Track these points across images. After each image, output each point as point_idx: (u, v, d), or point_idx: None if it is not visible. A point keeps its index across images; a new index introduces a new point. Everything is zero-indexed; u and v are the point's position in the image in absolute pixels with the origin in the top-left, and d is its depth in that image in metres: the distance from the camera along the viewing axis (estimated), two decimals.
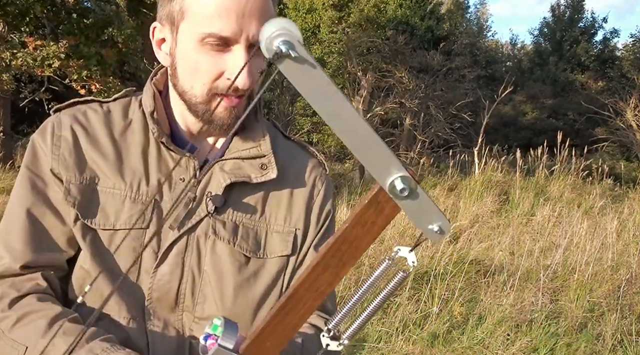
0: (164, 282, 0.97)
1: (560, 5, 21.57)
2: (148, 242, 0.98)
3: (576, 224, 5.94)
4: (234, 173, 1.01)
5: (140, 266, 0.97)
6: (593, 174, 9.23)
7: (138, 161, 1.00)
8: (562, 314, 4.23)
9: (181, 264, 0.98)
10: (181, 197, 1.00)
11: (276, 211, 1.06)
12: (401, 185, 0.58)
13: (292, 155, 1.11)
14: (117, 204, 0.98)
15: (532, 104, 19.59)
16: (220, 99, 0.97)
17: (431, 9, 15.84)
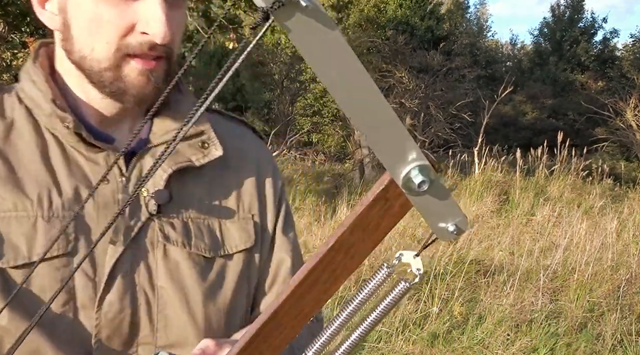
0: (114, 314, 0.77)
1: (560, 6, 21.58)
2: (77, 269, 0.76)
3: (576, 224, 5.94)
4: (173, 159, 0.83)
5: (76, 301, 0.76)
6: (593, 174, 9.23)
7: (39, 168, 0.78)
8: (562, 314, 4.24)
9: (132, 287, 0.78)
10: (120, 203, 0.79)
11: (225, 198, 0.89)
12: (420, 177, 0.46)
13: (228, 129, 0.93)
14: (26, 229, 0.75)
15: (532, 104, 19.58)
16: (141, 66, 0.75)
17: (431, 9, 15.84)
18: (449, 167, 9.22)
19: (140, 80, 0.77)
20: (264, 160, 0.96)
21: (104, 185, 0.80)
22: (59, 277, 0.75)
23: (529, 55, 22.99)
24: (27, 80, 0.82)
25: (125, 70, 0.76)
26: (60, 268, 0.75)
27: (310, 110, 14.85)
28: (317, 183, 8.46)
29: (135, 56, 0.76)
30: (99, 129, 0.83)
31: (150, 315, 0.79)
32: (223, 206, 0.89)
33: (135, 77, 0.76)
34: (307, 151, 14.50)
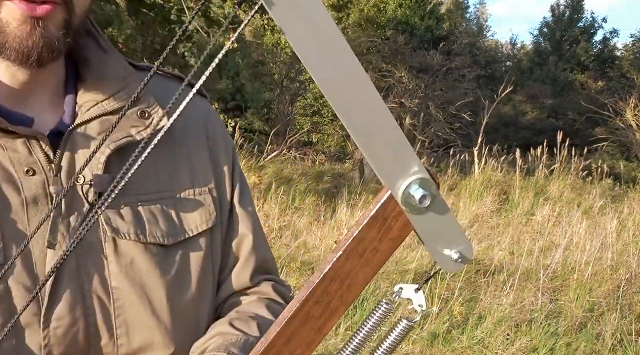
0: (66, 329, 0.65)
1: (560, 6, 21.57)
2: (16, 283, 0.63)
3: (576, 224, 5.94)
4: (110, 137, 0.67)
5: (19, 321, 0.63)
6: (593, 174, 9.23)
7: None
8: (562, 313, 4.24)
9: (81, 294, 0.66)
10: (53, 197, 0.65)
11: (176, 172, 0.76)
12: (421, 192, 0.42)
13: (164, 90, 0.76)
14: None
15: (532, 104, 19.58)
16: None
17: (431, 9, 15.84)
18: (449, 167, 9.22)
19: (22, 29, 0.60)
20: (212, 123, 0.83)
21: (30, 177, 0.65)
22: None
23: (529, 55, 22.99)
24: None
25: (3, 17, 0.60)
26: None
27: (310, 110, 14.85)
28: (317, 183, 8.46)
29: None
30: (10, 108, 0.67)
31: (108, 323, 0.67)
32: (175, 183, 0.75)
33: (17, 26, 0.60)
34: (307, 151, 14.50)
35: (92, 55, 0.73)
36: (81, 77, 0.73)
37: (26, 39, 0.61)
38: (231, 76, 12.55)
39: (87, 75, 0.72)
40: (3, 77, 0.67)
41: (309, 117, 14.86)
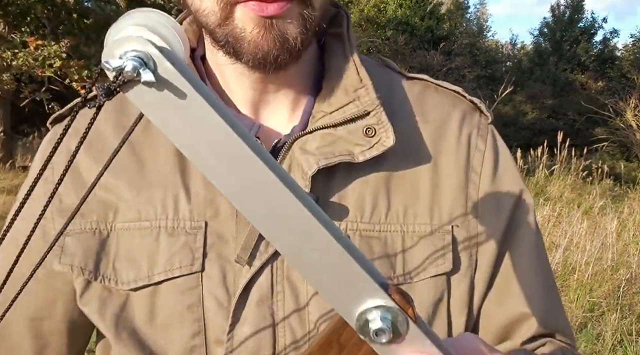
0: (249, 352, 0.59)
1: (560, 6, 21.58)
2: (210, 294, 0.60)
3: (576, 224, 5.94)
4: (323, 153, 0.60)
5: (206, 334, 0.60)
6: (593, 174, 9.23)
7: (170, 167, 0.62)
8: None
9: (270, 317, 0.60)
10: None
11: (412, 201, 0.63)
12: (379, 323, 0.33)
13: (423, 103, 0.67)
14: (148, 243, 0.61)
15: (532, 104, 19.58)
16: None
17: (431, 9, 15.85)
18: None
19: (257, 33, 0.55)
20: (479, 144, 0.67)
21: None
22: (185, 302, 0.59)
23: (529, 55, 22.99)
24: None
25: (237, 22, 0.56)
26: (186, 291, 0.59)
27: None
28: None
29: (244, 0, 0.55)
30: (249, 115, 0.64)
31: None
32: (408, 213, 0.63)
33: (250, 30, 0.55)
34: None
35: (334, 62, 0.66)
36: (322, 84, 0.66)
37: (262, 44, 0.56)
38: None
39: (326, 81, 0.65)
40: (241, 83, 0.63)
41: None
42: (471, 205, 0.65)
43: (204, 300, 0.60)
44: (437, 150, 0.65)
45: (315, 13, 0.58)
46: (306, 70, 0.66)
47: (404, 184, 0.64)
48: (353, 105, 0.62)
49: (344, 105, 0.63)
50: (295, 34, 0.56)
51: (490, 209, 0.65)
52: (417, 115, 0.66)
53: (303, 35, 0.57)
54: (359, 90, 0.63)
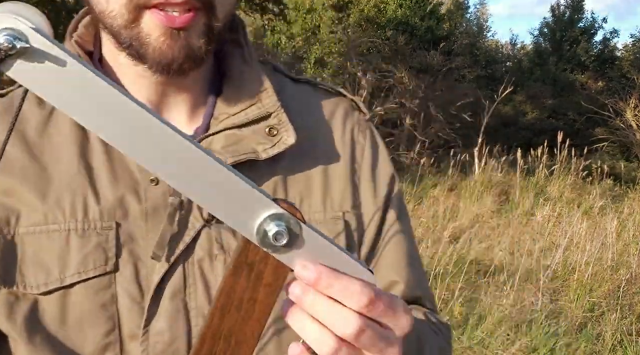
0: (165, 345, 0.62)
1: (560, 6, 21.58)
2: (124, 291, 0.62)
3: (576, 224, 5.94)
4: (229, 151, 0.65)
5: (121, 331, 0.62)
6: (593, 174, 9.23)
7: (74, 170, 0.63)
8: (562, 314, 4.24)
9: (184, 310, 0.63)
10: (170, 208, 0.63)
11: (307, 193, 0.69)
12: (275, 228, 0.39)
13: (310, 104, 0.74)
14: (57, 246, 0.61)
15: (532, 104, 19.58)
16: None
17: (431, 9, 15.84)
18: (449, 167, 9.22)
19: (162, 41, 0.58)
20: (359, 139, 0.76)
21: (153, 186, 0.63)
22: (99, 301, 0.61)
23: (529, 55, 22.98)
24: None
25: (143, 27, 0.58)
26: (100, 290, 0.61)
27: None
28: None
29: (153, 7, 0.57)
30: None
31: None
32: (304, 204, 0.69)
33: (156, 37, 0.58)
34: None
35: (235, 66, 0.70)
36: (222, 88, 0.70)
37: (166, 51, 0.59)
38: None
39: (226, 85, 0.70)
40: (140, 84, 0.66)
41: None
42: (357, 193, 0.73)
43: (118, 298, 0.61)
44: (326, 145, 0.72)
45: (219, 24, 0.61)
46: (205, 74, 0.70)
47: (299, 178, 0.70)
48: (255, 107, 0.68)
49: (247, 107, 0.68)
50: (200, 44, 0.60)
51: (371, 195, 0.74)
52: (307, 115, 0.72)
53: (207, 45, 0.61)
54: (260, 93, 0.68)
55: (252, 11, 9.67)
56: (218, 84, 0.72)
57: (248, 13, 9.75)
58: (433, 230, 6.03)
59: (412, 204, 7.32)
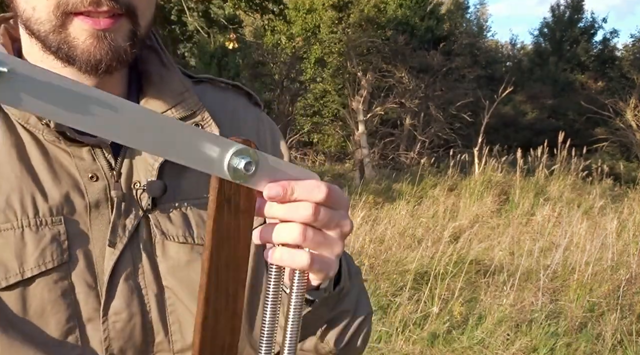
0: (124, 323, 0.69)
1: (560, 6, 21.58)
2: (79, 279, 0.67)
3: (576, 224, 5.94)
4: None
5: (81, 316, 0.67)
6: (593, 174, 9.23)
7: (19, 172, 0.67)
8: (562, 314, 4.24)
9: (137, 290, 0.70)
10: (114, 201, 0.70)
11: None
12: (242, 161, 0.47)
13: (219, 100, 0.82)
14: (13, 243, 0.65)
15: (532, 104, 19.59)
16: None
17: (431, 9, 15.85)
18: (449, 167, 9.22)
19: (90, 43, 0.64)
20: (264, 131, 0.85)
21: (93, 182, 0.70)
22: (58, 291, 0.66)
23: (529, 55, 22.99)
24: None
25: (71, 31, 0.64)
26: (58, 281, 0.66)
27: (310, 110, 14.85)
28: None
29: (81, 14, 0.63)
30: None
31: (162, 320, 0.71)
32: None
33: (84, 40, 0.64)
34: (307, 151, 14.50)
35: (154, 70, 0.77)
36: (142, 90, 0.77)
37: (95, 52, 0.65)
38: (231, 76, 12.54)
39: (147, 88, 0.76)
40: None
41: (309, 117, 14.86)
42: None
43: (75, 286, 0.67)
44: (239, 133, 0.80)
45: (142, 30, 0.68)
46: (124, 78, 0.77)
47: None
48: (180, 106, 0.75)
49: (172, 107, 0.75)
50: (125, 46, 0.66)
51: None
52: (218, 111, 0.79)
53: (132, 48, 0.67)
54: (184, 93, 0.76)
55: (252, 11, 9.67)
56: (136, 89, 0.78)
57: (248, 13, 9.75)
58: (433, 230, 6.04)
59: (412, 204, 7.32)
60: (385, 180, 9.50)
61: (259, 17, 10.73)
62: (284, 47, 14.50)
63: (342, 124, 13.89)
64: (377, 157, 12.66)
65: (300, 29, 14.24)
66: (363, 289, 0.83)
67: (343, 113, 13.05)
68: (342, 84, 13.49)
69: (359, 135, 11.69)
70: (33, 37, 0.67)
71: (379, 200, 7.53)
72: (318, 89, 14.48)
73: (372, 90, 13.08)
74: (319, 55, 13.81)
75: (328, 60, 13.88)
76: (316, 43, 14.12)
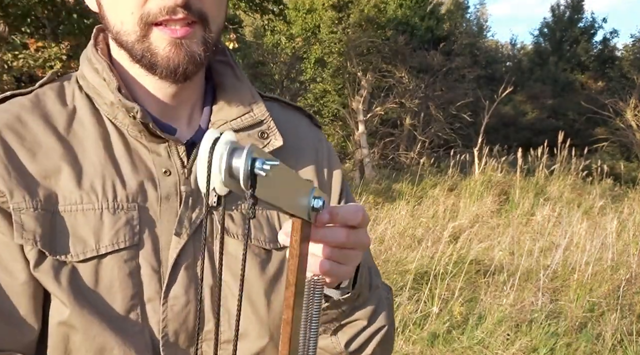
0: (180, 307, 0.75)
1: (560, 6, 21.59)
2: (145, 262, 0.75)
3: (576, 224, 5.94)
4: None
5: (143, 295, 0.74)
6: (593, 174, 9.23)
7: (103, 159, 0.76)
8: (562, 314, 4.24)
9: (195, 279, 0.77)
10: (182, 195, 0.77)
11: None
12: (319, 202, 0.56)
13: (284, 117, 0.89)
14: (93, 222, 0.73)
15: (532, 104, 19.59)
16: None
17: (431, 9, 15.85)
18: (449, 167, 9.22)
19: (169, 50, 0.73)
20: (322, 150, 0.92)
21: (166, 177, 0.77)
22: (127, 270, 0.73)
23: (529, 55, 23.00)
24: (89, 68, 0.79)
25: (152, 41, 0.73)
26: (128, 261, 0.74)
27: (311, 110, 14.82)
28: None
29: (161, 24, 0.72)
30: (160, 119, 0.80)
31: (213, 309, 0.77)
32: None
33: (163, 48, 0.73)
34: None
35: (228, 81, 0.85)
36: (216, 98, 0.85)
37: (173, 58, 0.73)
38: None
39: (221, 98, 0.84)
40: (153, 92, 0.80)
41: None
42: (322, 189, 0.87)
43: (141, 268, 0.74)
44: (299, 151, 0.89)
45: (213, 35, 0.76)
46: (199, 89, 0.85)
47: None
48: (249, 115, 0.83)
49: (242, 115, 0.83)
50: (199, 51, 0.74)
51: (332, 190, 0.91)
52: (282, 124, 0.86)
53: (206, 52, 0.75)
54: (252, 104, 0.84)
55: (252, 11, 9.67)
56: (210, 98, 0.86)
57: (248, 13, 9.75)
58: (433, 230, 6.03)
59: (412, 204, 7.32)
60: (385, 180, 9.50)
61: (259, 17, 10.73)
62: (284, 47, 14.50)
63: (342, 124, 13.89)
64: (377, 157, 12.66)
65: (300, 29, 14.24)
66: (385, 304, 0.87)
67: (343, 113, 13.04)
68: (342, 84, 13.48)
69: (359, 135, 11.69)
70: (122, 48, 0.76)
71: (379, 200, 7.53)
72: (318, 89, 14.47)
73: (372, 90, 13.08)
74: (319, 55, 13.80)
75: (328, 60, 13.87)
76: (316, 43, 14.11)
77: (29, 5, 8.74)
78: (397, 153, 12.79)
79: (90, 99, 0.79)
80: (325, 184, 0.90)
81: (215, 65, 0.87)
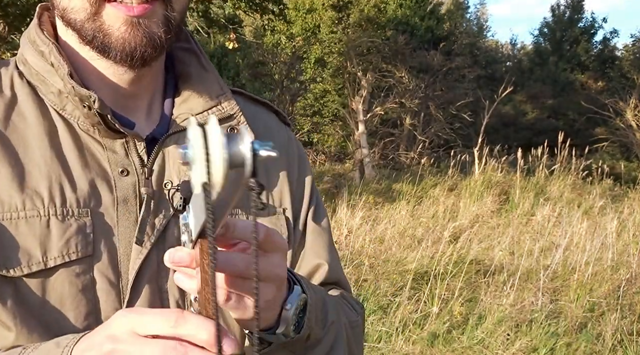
0: None
1: (560, 6, 21.57)
2: (101, 275, 0.65)
3: (576, 224, 5.94)
4: None
5: (100, 313, 0.64)
6: (593, 174, 9.23)
7: (49, 158, 0.65)
8: (562, 313, 4.24)
9: (160, 293, 0.67)
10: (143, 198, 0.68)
11: None
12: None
13: (250, 113, 0.80)
14: (38, 231, 0.63)
15: (532, 104, 19.58)
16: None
17: (431, 9, 15.85)
18: (449, 167, 9.22)
19: (124, 30, 0.62)
20: (292, 149, 0.85)
21: (123, 177, 0.67)
22: (79, 285, 0.64)
23: (529, 55, 22.99)
24: (31, 51, 0.68)
25: (105, 19, 0.63)
26: (80, 274, 0.64)
27: (310, 110, 14.83)
28: (317, 183, 8.45)
29: (113, 0, 0.62)
30: (114, 110, 0.69)
31: None
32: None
33: (118, 27, 0.62)
34: (308, 151, 14.50)
35: (193, 71, 0.76)
36: (179, 90, 0.75)
37: (129, 39, 0.63)
38: (231, 76, 12.55)
39: (185, 88, 0.75)
40: (107, 78, 0.69)
41: (309, 117, 14.84)
42: (291, 193, 0.81)
43: (97, 282, 0.65)
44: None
45: (176, 15, 0.66)
46: (159, 77, 0.75)
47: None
48: (217, 109, 0.74)
49: (208, 108, 0.74)
50: (160, 32, 0.64)
51: (300, 195, 0.83)
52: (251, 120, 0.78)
53: (167, 34, 0.65)
54: (220, 96, 0.75)
55: (252, 11, 9.67)
56: (172, 89, 0.76)
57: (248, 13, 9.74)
58: (433, 230, 6.03)
59: (412, 204, 7.32)
60: (385, 180, 9.50)
61: (259, 17, 10.72)
62: (284, 47, 14.49)
63: (342, 124, 13.88)
64: (377, 157, 12.65)
65: (300, 29, 14.23)
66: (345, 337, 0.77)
67: (343, 113, 13.03)
68: (342, 84, 13.48)
69: (359, 135, 11.69)
70: (69, 28, 0.66)
71: (379, 200, 7.53)
72: (318, 89, 14.46)
73: (372, 90, 13.07)
74: (319, 55, 13.79)
75: (328, 60, 13.87)
76: (316, 43, 14.10)
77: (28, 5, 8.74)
78: (397, 153, 12.79)
79: (33, 88, 0.68)
80: (295, 191, 0.82)
81: (177, 53, 0.78)
